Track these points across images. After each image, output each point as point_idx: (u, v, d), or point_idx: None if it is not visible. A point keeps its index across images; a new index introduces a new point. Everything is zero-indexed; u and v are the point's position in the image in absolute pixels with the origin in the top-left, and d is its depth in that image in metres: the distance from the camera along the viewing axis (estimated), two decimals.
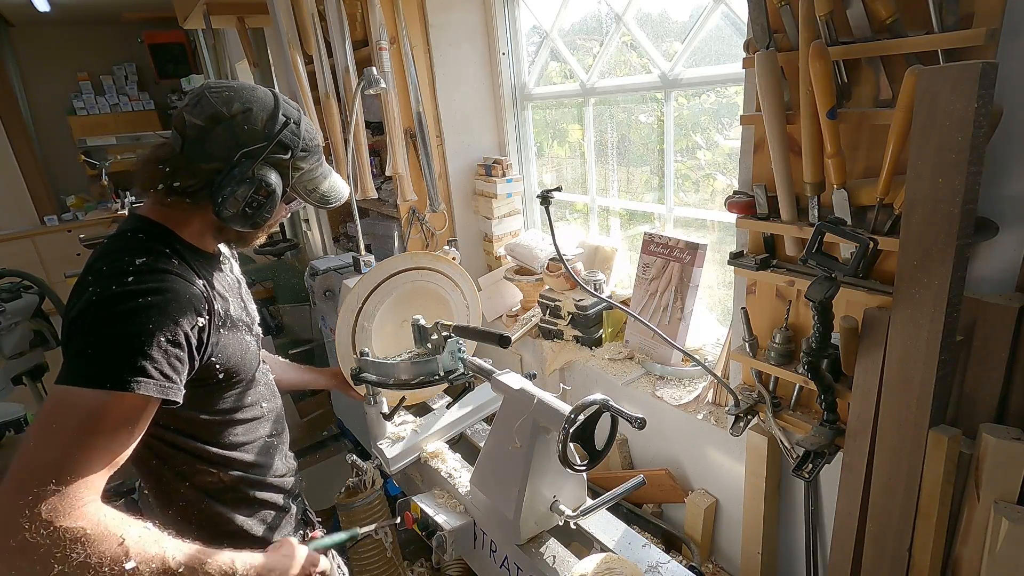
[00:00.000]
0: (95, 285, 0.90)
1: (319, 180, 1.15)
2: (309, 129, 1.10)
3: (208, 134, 0.99)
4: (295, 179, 1.10)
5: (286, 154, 1.05)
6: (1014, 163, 1.11)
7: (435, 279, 1.80)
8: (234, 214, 1.01)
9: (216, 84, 1.03)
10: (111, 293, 0.89)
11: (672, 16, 2.07)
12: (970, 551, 1.15)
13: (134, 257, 0.94)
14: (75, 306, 0.91)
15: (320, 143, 1.15)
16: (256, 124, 1.01)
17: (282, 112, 1.04)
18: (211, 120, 0.99)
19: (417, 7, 2.49)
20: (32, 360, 2.86)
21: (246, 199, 1.00)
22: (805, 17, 1.20)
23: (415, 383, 1.47)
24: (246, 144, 0.99)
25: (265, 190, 1.01)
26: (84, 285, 0.93)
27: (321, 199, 1.15)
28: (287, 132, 1.03)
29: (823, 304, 1.23)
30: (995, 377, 1.15)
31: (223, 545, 0.99)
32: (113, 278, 0.90)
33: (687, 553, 2.00)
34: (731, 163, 2.01)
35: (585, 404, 1.11)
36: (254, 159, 0.99)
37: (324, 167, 1.16)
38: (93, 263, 0.98)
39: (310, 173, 1.12)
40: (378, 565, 1.77)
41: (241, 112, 1.00)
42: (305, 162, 1.10)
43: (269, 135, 1.01)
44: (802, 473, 1.40)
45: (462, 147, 2.74)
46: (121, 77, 7.00)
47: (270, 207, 1.04)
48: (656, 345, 2.08)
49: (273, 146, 1.01)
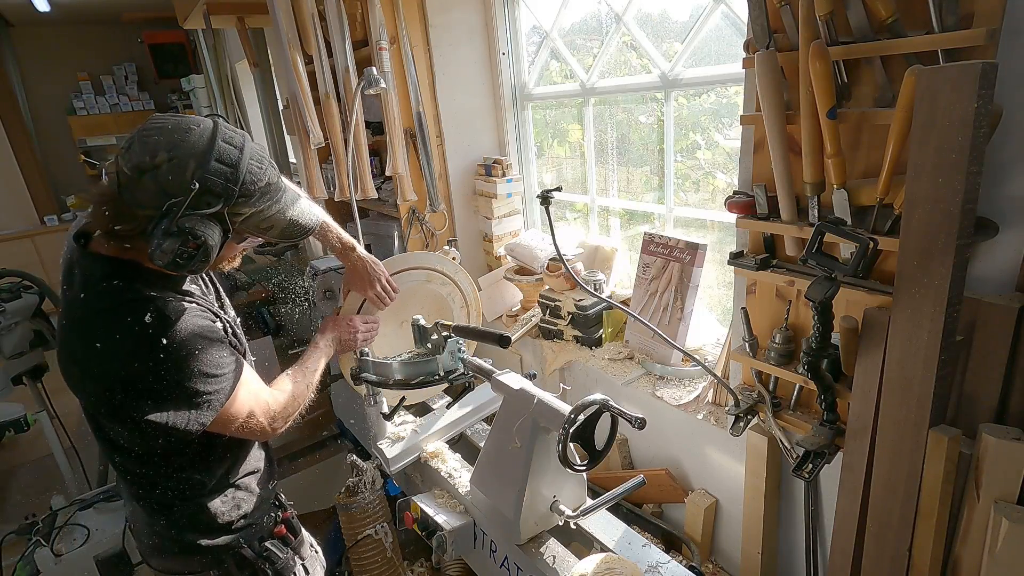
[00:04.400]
0: (138, 358, 1.00)
1: (276, 218, 1.08)
2: (255, 170, 1.02)
3: (136, 183, 0.96)
4: (239, 223, 1.04)
5: (217, 203, 0.99)
6: (1014, 163, 1.11)
7: (435, 279, 1.80)
8: (167, 264, 0.98)
9: (150, 125, 0.99)
10: (163, 359, 1.01)
11: (672, 16, 2.07)
12: (970, 551, 1.15)
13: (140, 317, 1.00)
14: (123, 379, 1.01)
15: (272, 181, 1.06)
16: (182, 173, 0.96)
17: (215, 156, 0.97)
18: (137, 170, 0.96)
19: (417, 7, 2.49)
20: (32, 360, 2.85)
21: (174, 252, 0.97)
22: (805, 17, 1.20)
23: (415, 383, 1.47)
24: (173, 194, 0.95)
25: (194, 243, 0.97)
26: (111, 357, 1.00)
27: (281, 235, 1.11)
28: (214, 179, 0.97)
29: (823, 304, 1.22)
30: (995, 377, 1.14)
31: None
32: (146, 345, 1.00)
33: (687, 553, 2.00)
34: (731, 163, 2.01)
35: (585, 404, 1.11)
36: (177, 211, 0.95)
37: (284, 203, 1.09)
38: (91, 325, 1.01)
39: (260, 214, 1.05)
40: (378, 565, 1.77)
41: (166, 161, 0.95)
42: (248, 205, 1.03)
43: (193, 186, 0.96)
44: (802, 473, 1.40)
45: (462, 147, 2.74)
46: (121, 77, 7.00)
47: (203, 257, 1.00)
48: (656, 345, 2.08)
49: (200, 195, 0.96)
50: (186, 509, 1.21)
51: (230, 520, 1.25)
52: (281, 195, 1.09)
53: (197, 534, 1.22)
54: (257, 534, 1.31)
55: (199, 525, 1.22)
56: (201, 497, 1.21)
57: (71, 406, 4.57)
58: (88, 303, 1.03)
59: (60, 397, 3.24)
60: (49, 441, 2.79)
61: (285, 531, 1.37)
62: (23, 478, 3.50)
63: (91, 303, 1.03)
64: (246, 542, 1.28)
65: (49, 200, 6.67)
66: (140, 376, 1.00)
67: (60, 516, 2.08)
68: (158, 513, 1.21)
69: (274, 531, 1.36)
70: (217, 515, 1.23)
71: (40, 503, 2.95)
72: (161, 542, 1.25)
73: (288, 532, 1.38)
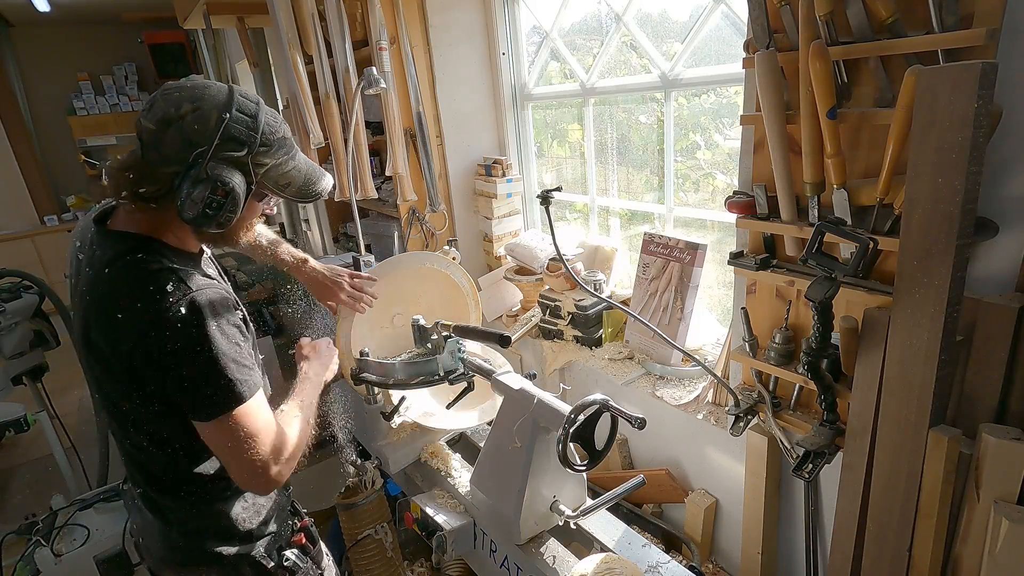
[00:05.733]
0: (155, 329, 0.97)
1: (293, 174, 1.10)
2: (271, 122, 1.06)
3: (162, 137, 0.98)
4: (261, 175, 1.06)
5: (242, 149, 1.01)
6: (1014, 163, 1.11)
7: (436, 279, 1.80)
8: (196, 215, 0.99)
9: (170, 86, 1.02)
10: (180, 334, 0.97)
11: (672, 16, 2.07)
12: (970, 551, 1.15)
13: (163, 286, 0.98)
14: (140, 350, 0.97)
15: (286, 135, 1.10)
16: (207, 122, 0.98)
17: (235, 107, 1.00)
18: (162, 123, 0.98)
19: (417, 7, 2.49)
20: (32, 360, 2.85)
21: (204, 200, 0.98)
22: (805, 17, 1.20)
23: (415, 383, 1.47)
24: (198, 144, 0.97)
25: (223, 189, 0.99)
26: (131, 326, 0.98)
27: (298, 193, 1.12)
28: (237, 127, 1.00)
29: (823, 304, 1.23)
30: (995, 377, 1.14)
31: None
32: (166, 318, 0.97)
33: (687, 553, 2.00)
34: (731, 163, 2.01)
35: (585, 404, 1.11)
36: (206, 158, 0.97)
37: (298, 160, 1.12)
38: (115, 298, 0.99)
39: (279, 167, 1.08)
40: (378, 565, 1.77)
41: (191, 112, 0.98)
42: (268, 156, 1.06)
43: (219, 132, 0.98)
44: (802, 473, 1.40)
45: (462, 147, 2.74)
46: (121, 77, 6.99)
47: (231, 206, 1.01)
48: (656, 345, 2.08)
49: (224, 143, 0.98)
50: (205, 516, 1.17)
51: (250, 528, 1.21)
52: (295, 152, 1.12)
53: (216, 542, 1.18)
54: (276, 543, 1.26)
55: (218, 532, 1.18)
56: (221, 502, 1.18)
57: (71, 406, 4.59)
58: (113, 277, 1.01)
59: (60, 397, 3.25)
60: (49, 441, 2.79)
61: (304, 540, 1.34)
62: (23, 478, 3.50)
63: (117, 276, 1.01)
64: (266, 551, 1.23)
65: (49, 200, 6.66)
66: (163, 344, 0.97)
67: (60, 516, 2.08)
68: (175, 522, 1.17)
69: (292, 540, 1.32)
70: (237, 522, 1.19)
71: (40, 503, 2.95)
72: (177, 552, 1.20)
73: (307, 541, 1.34)
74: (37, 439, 3.27)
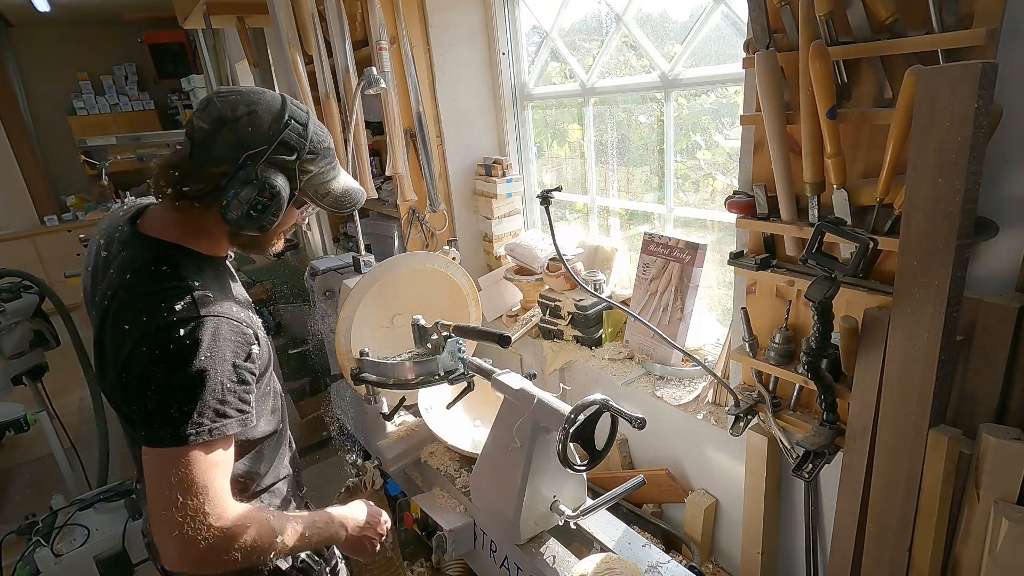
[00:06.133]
0: (147, 342, 0.92)
1: (332, 185, 1.13)
2: (319, 132, 1.09)
3: (214, 137, 0.99)
4: (304, 182, 1.08)
5: (291, 155, 1.03)
6: (1014, 163, 1.11)
7: (436, 279, 1.80)
8: (239, 216, 1.00)
9: (225, 89, 1.04)
10: (168, 352, 0.91)
11: (672, 16, 2.07)
12: (970, 551, 1.15)
13: (172, 303, 0.95)
14: (131, 360, 0.93)
15: (331, 146, 1.13)
16: (261, 126, 1.00)
17: (288, 114, 1.03)
18: (216, 123, 1.00)
19: (417, 7, 2.49)
20: (32, 360, 2.85)
21: (250, 201, 0.99)
22: (805, 17, 1.20)
23: (415, 383, 1.47)
24: (251, 146, 0.99)
25: (269, 192, 1.00)
26: (131, 336, 0.94)
27: (335, 203, 1.14)
28: (291, 133, 1.03)
29: (823, 304, 1.23)
30: (995, 377, 1.14)
31: None
32: (163, 333, 0.92)
33: (687, 553, 2.00)
34: (731, 163, 2.01)
35: (585, 404, 1.11)
36: (257, 161, 0.99)
37: (338, 171, 1.15)
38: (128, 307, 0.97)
39: (320, 176, 1.10)
40: (378, 565, 1.77)
41: (246, 115, 1.00)
42: (314, 164, 1.08)
43: (273, 137, 1.01)
44: (802, 473, 1.40)
45: (462, 147, 2.74)
46: (121, 77, 7.00)
47: (275, 209, 1.03)
48: (656, 345, 2.08)
49: (276, 147, 1.01)
50: None
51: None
52: (336, 163, 1.15)
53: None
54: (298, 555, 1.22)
55: None
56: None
57: (71, 406, 4.60)
58: (133, 285, 1.00)
59: (60, 397, 3.25)
60: (49, 441, 2.79)
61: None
62: (23, 478, 3.50)
63: (136, 285, 1.00)
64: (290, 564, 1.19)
65: (49, 200, 6.67)
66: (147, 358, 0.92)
67: (60, 516, 2.08)
68: None
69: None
70: None
71: (40, 503, 2.95)
72: None
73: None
74: (37, 439, 3.27)
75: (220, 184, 1.00)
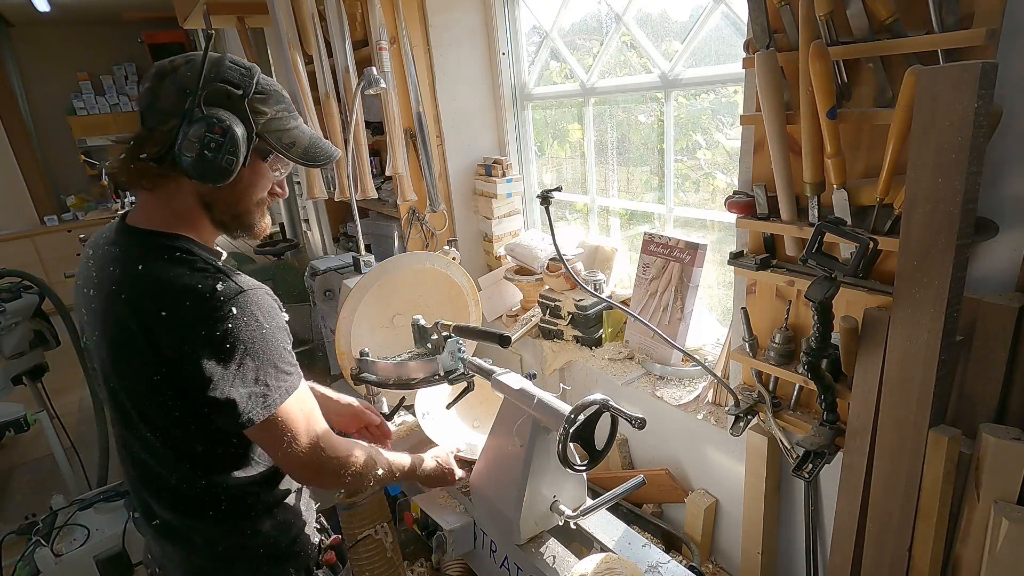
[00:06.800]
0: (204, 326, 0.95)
1: (296, 133, 1.07)
2: (268, 80, 1.05)
3: (157, 92, 0.98)
4: (261, 125, 1.03)
5: (236, 91, 0.99)
6: (1014, 163, 1.11)
7: (436, 279, 1.80)
8: (195, 159, 0.95)
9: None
10: (228, 331, 0.95)
11: (672, 16, 2.07)
12: (970, 551, 1.15)
13: (213, 284, 0.96)
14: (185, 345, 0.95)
15: (285, 93, 1.08)
16: (199, 68, 0.96)
17: (228, 59, 1.00)
18: (157, 78, 0.98)
19: (417, 7, 2.49)
20: (32, 360, 2.85)
21: (200, 138, 0.94)
22: (805, 17, 1.20)
23: (415, 383, 1.47)
24: (192, 90, 0.96)
25: (219, 127, 0.95)
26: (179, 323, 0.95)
27: (304, 154, 1.08)
28: (231, 71, 0.99)
29: (823, 304, 1.22)
30: (995, 377, 1.15)
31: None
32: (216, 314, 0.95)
33: (687, 553, 2.00)
34: (731, 163, 2.01)
35: (585, 404, 1.11)
36: (198, 97, 0.95)
37: (299, 120, 1.10)
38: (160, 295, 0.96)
39: (279, 121, 1.05)
40: (378, 565, 1.77)
41: (184, 63, 0.99)
42: (266, 105, 1.03)
43: (212, 74, 0.97)
44: (802, 473, 1.40)
45: (462, 147, 2.74)
46: (121, 77, 7.00)
47: (231, 147, 0.96)
48: (656, 345, 2.08)
49: (218, 82, 0.97)
50: (233, 536, 1.13)
51: (280, 547, 1.17)
52: (296, 115, 1.10)
53: (245, 564, 1.14)
54: (304, 563, 1.22)
55: (248, 554, 1.14)
56: (249, 520, 1.13)
57: (71, 406, 4.59)
58: (155, 274, 0.98)
59: (60, 397, 3.25)
60: (49, 441, 2.79)
61: (335, 558, 1.30)
62: (23, 478, 3.50)
63: (161, 273, 0.97)
64: (295, 572, 1.20)
65: (49, 200, 6.67)
66: (211, 345, 0.95)
67: (60, 516, 2.08)
68: (201, 545, 1.12)
69: (322, 559, 1.27)
70: (267, 541, 1.15)
71: (40, 503, 2.95)
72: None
73: (337, 559, 1.30)
74: (37, 439, 3.27)
75: (173, 140, 0.96)
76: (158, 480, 1.10)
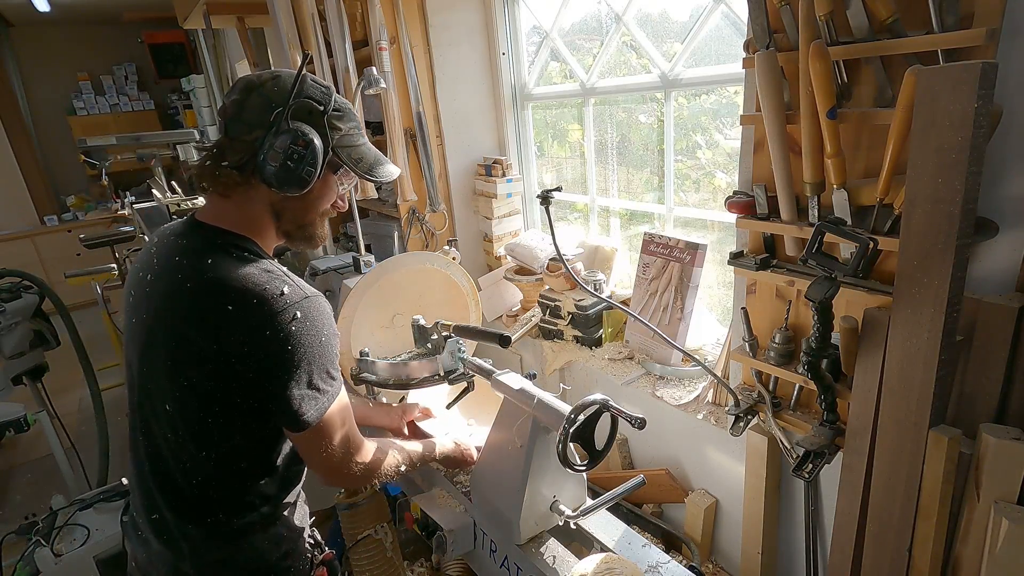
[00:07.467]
0: (270, 326, 0.98)
1: (363, 150, 1.14)
2: (342, 99, 1.13)
3: (244, 105, 1.03)
4: (335, 140, 1.09)
5: (319, 106, 1.06)
6: (1014, 163, 1.11)
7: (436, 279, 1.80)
8: (277, 168, 1.01)
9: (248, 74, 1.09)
10: (292, 334, 0.99)
11: (672, 16, 2.07)
12: (970, 551, 1.15)
13: (279, 286, 1.00)
14: (250, 342, 0.98)
15: (355, 113, 1.16)
16: (285, 85, 1.04)
17: (310, 78, 1.07)
18: (244, 91, 1.04)
19: (417, 7, 2.49)
20: (32, 360, 2.85)
21: (285, 150, 1.00)
22: (805, 17, 1.20)
23: (415, 383, 1.47)
24: (278, 104, 1.03)
25: (303, 140, 1.02)
26: (244, 320, 0.98)
27: (369, 170, 1.14)
28: (314, 88, 1.06)
29: (823, 304, 1.22)
30: (995, 377, 1.15)
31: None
32: (282, 316, 0.99)
33: (687, 553, 2.00)
34: (731, 163, 2.01)
35: (585, 404, 1.11)
36: (286, 112, 1.02)
37: (365, 138, 1.16)
38: (225, 291, 0.98)
39: (350, 137, 1.12)
40: (378, 565, 1.77)
41: (271, 79, 1.05)
42: (342, 123, 1.10)
43: (298, 90, 1.04)
44: (802, 473, 1.40)
45: (462, 147, 2.75)
46: (121, 77, 7.00)
47: (311, 159, 1.03)
48: (656, 345, 2.08)
49: (303, 99, 1.04)
50: (225, 547, 1.12)
51: (269, 561, 1.16)
52: (363, 131, 1.17)
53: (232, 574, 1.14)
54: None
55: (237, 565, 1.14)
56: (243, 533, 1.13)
57: (71, 406, 4.59)
58: (223, 269, 1.00)
59: (60, 397, 3.25)
60: (49, 441, 2.79)
61: (326, 574, 1.30)
62: (23, 478, 3.50)
63: (229, 270, 1.00)
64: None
65: (49, 200, 6.67)
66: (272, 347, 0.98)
67: (60, 516, 2.08)
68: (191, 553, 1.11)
69: (313, 574, 1.27)
70: (257, 554, 1.15)
71: (40, 503, 2.95)
72: None
73: (328, 574, 1.31)
74: (37, 439, 3.27)
75: (256, 149, 1.02)
76: (168, 476, 1.10)
